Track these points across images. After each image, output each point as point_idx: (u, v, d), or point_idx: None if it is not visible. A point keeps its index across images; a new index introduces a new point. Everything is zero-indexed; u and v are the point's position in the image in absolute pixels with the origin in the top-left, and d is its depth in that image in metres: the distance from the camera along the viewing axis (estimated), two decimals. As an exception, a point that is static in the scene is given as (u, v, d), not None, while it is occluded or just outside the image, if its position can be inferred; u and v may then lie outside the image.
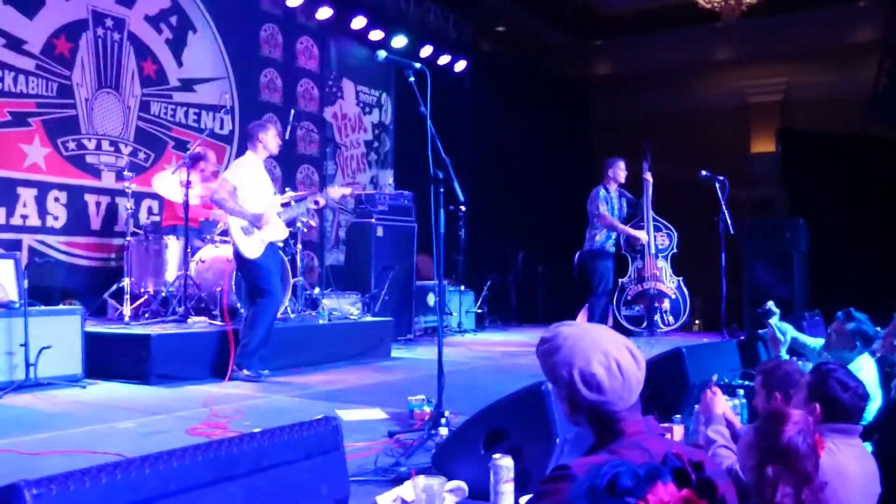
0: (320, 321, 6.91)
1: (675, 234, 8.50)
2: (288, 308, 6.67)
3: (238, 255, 5.65)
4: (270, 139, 5.79)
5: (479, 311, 10.04)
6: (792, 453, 1.84)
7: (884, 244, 9.84)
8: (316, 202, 6.25)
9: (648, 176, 8.40)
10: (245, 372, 5.51)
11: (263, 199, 5.73)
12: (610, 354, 1.74)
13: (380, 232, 8.22)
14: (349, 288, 8.20)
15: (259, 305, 5.63)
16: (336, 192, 6.41)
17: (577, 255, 8.46)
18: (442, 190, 3.77)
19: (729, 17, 10.36)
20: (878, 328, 4.48)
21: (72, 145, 7.19)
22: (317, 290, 7.69)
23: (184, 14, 8.19)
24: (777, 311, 4.89)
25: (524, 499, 2.32)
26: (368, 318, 7.47)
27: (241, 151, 8.64)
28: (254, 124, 5.93)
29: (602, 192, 7.85)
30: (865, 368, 3.95)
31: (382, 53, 3.93)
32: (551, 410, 2.60)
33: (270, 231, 5.69)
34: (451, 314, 9.29)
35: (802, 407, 2.54)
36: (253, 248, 5.58)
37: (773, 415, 1.95)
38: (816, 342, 4.67)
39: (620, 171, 7.92)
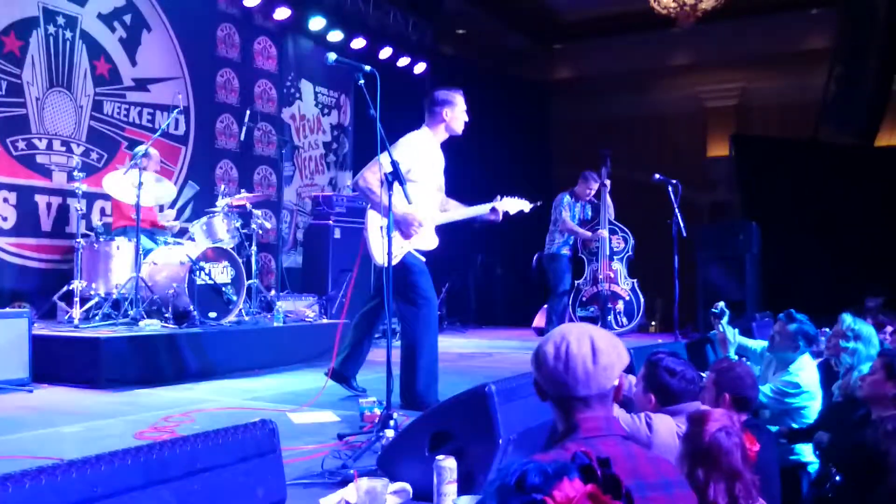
0: (275, 324, 6.86)
1: (632, 238, 8.62)
2: (242, 310, 6.62)
3: (370, 257, 4.71)
4: (458, 114, 4.64)
5: (438, 313, 10.01)
6: (715, 451, 1.88)
7: (834, 247, 10.05)
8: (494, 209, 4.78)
9: (607, 182, 8.54)
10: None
11: (427, 193, 4.61)
12: (566, 339, 1.76)
13: (337, 234, 8.20)
14: (306, 290, 8.17)
15: (405, 327, 4.86)
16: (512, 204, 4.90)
17: (535, 258, 8.71)
18: (391, 193, 3.78)
19: (684, 24, 10.53)
20: (826, 329, 4.59)
21: (21, 145, 7.06)
22: (272, 293, 7.64)
23: (138, 13, 8.08)
24: (727, 312, 4.98)
25: (463, 499, 2.33)
26: (325, 321, 7.44)
27: (196, 152, 8.60)
28: (438, 92, 4.66)
29: (567, 198, 8.20)
30: (807, 368, 4.04)
31: (332, 56, 3.92)
32: (495, 411, 2.62)
33: (415, 238, 4.63)
34: (409, 316, 9.25)
35: (641, 397, 2.75)
36: (383, 253, 4.12)
37: (695, 418, 2.00)
38: (759, 344, 4.77)
39: (589, 189, 8.25)
